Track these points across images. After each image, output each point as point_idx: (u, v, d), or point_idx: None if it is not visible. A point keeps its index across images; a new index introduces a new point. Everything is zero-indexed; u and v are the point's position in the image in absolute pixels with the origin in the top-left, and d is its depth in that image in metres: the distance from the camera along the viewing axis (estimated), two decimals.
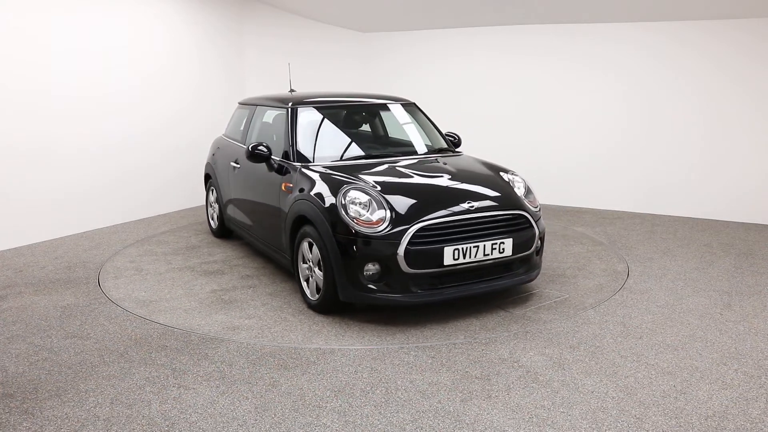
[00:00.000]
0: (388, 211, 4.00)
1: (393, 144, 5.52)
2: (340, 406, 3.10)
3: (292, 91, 6.18)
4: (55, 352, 3.73)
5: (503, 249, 4.15)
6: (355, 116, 5.70)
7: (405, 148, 5.36)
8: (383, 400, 3.16)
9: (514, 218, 4.27)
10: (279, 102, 5.41)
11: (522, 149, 8.42)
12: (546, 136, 8.26)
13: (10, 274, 5.25)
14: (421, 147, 5.37)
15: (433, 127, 5.61)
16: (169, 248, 6.18)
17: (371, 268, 3.97)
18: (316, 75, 9.12)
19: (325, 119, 5.33)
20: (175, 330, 4.06)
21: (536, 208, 4.54)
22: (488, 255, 4.10)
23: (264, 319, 4.29)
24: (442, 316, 4.29)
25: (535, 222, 4.38)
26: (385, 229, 3.94)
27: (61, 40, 6.30)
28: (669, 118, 7.49)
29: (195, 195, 8.13)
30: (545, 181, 8.33)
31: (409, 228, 3.92)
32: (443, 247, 3.94)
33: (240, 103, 6.41)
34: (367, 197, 4.10)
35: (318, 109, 5.34)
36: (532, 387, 3.28)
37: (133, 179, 7.24)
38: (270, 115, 5.55)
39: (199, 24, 7.94)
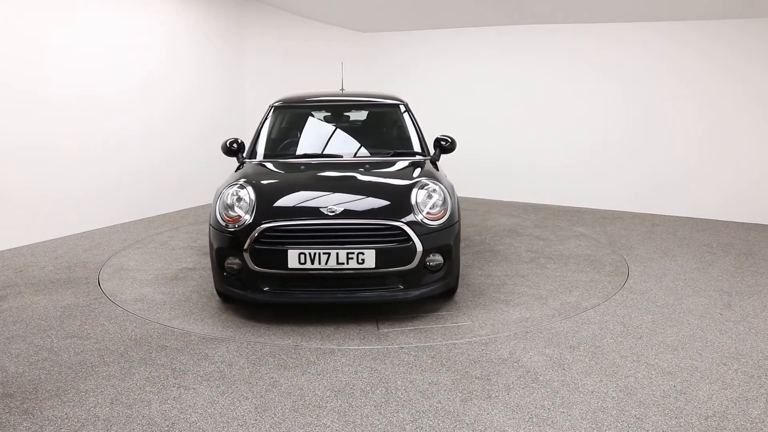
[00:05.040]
0: (252, 210, 4.13)
1: (353, 144, 5.43)
2: (340, 406, 3.10)
3: (342, 89, 6.45)
4: (55, 352, 3.73)
5: (363, 260, 3.94)
6: (334, 116, 5.81)
7: (362, 149, 5.31)
8: (383, 400, 3.16)
9: (383, 229, 4.02)
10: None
11: (522, 149, 8.43)
12: (546, 135, 8.26)
13: (10, 274, 5.25)
14: (384, 149, 5.29)
15: (414, 130, 5.43)
16: None
17: (232, 262, 4.11)
18: (316, 75, 9.12)
19: (297, 118, 5.66)
20: (175, 330, 4.06)
21: (436, 222, 4.14)
22: (343, 264, 3.93)
23: (170, 295, 4.71)
24: (305, 318, 4.24)
25: (420, 237, 4.02)
26: (241, 226, 4.07)
27: (61, 40, 6.30)
28: (669, 118, 7.49)
29: (196, 194, 8.12)
30: (545, 181, 8.33)
31: (257, 227, 4.02)
32: (287, 249, 3.94)
33: None
34: (240, 193, 4.26)
35: (296, 108, 5.63)
36: (532, 387, 3.28)
37: (134, 179, 7.24)
38: None
39: (199, 24, 7.94)
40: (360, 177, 4.64)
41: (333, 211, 4.07)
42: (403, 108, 5.63)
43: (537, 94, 8.25)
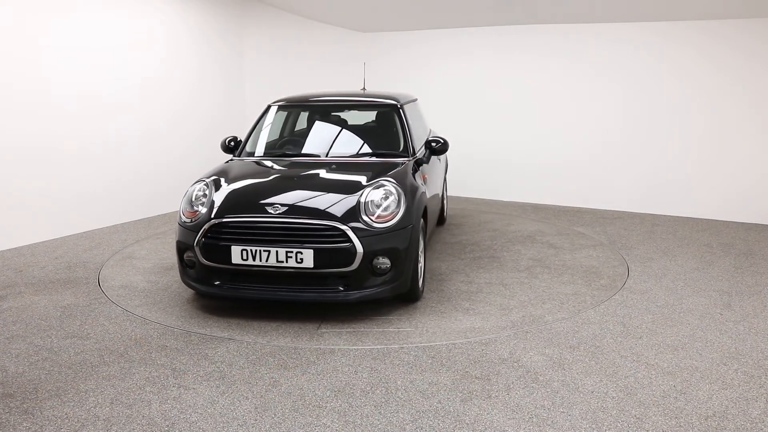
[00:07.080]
0: (209, 205, 4.29)
1: (336, 144, 5.42)
2: (340, 406, 3.10)
3: (363, 89, 6.53)
4: (55, 352, 3.74)
5: (301, 259, 3.97)
6: (323, 116, 5.87)
7: (343, 149, 5.29)
8: (383, 400, 3.16)
9: (322, 229, 4.00)
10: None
11: (521, 149, 8.42)
12: (546, 135, 8.26)
13: (10, 274, 5.25)
14: (369, 149, 5.25)
15: (401, 131, 5.35)
16: None
17: (190, 255, 4.29)
18: (317, 76, 9.12)
19: (289, 118, 5.79)
20: (175, 330, 4.06)
21: (385, 224, 4.10)
22: (282, 262, 3.98)
23: (154, 284, 4.97)
24: (247, 313, 4.32)
25: (363, 238, 3.98)
26: (196, 221, 4.25)
27: (61, 40, 6.30)
28: (668, 118, 7.49)
29: None
30: (545, 180, 8.33)
31: (206, 222, 4.16)
32: (231, 245, 4.06)
33: None
34: (205, 190, 4.44)
35: (290, 108, 5.75)
36: (532, 387, 3.28)
37: (134, 179, 7.24)
38: None
39: (199, 24, 7.94)
40: (319, 176, 4.65)
41: (278, 210, 4.12)
42: (397, 108, 5.53)
43: (537, 94, 8.25)
